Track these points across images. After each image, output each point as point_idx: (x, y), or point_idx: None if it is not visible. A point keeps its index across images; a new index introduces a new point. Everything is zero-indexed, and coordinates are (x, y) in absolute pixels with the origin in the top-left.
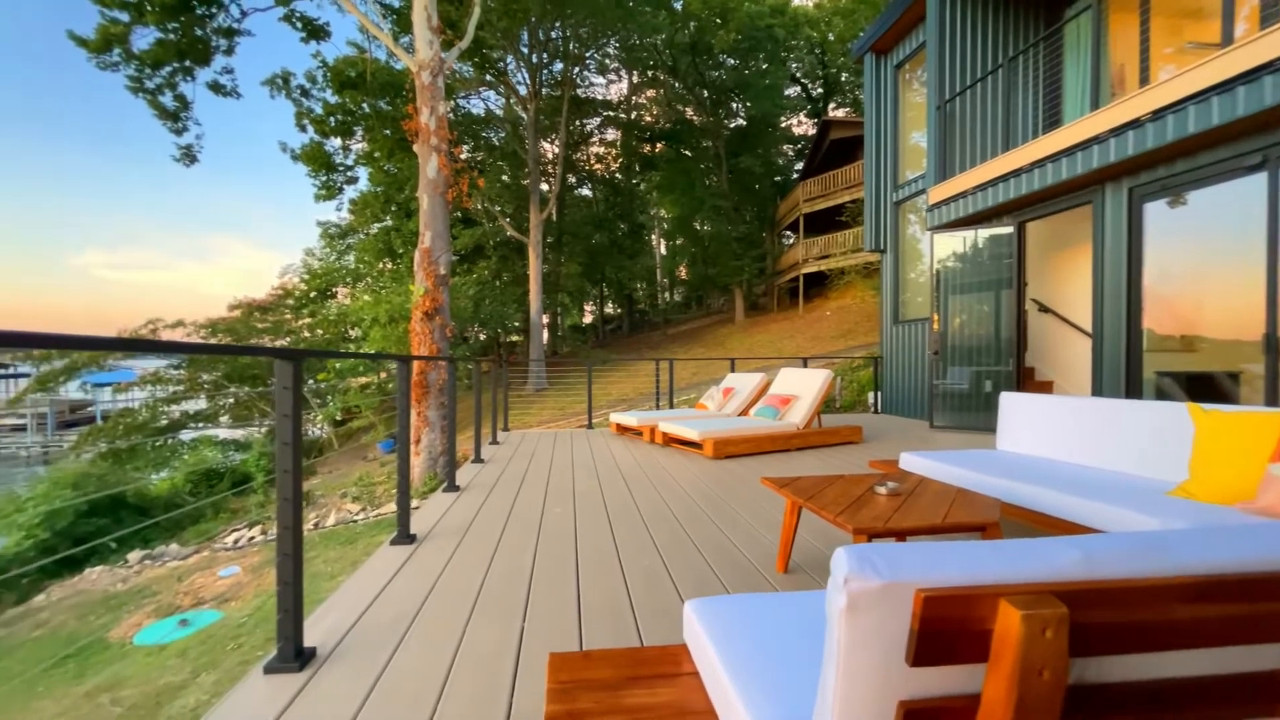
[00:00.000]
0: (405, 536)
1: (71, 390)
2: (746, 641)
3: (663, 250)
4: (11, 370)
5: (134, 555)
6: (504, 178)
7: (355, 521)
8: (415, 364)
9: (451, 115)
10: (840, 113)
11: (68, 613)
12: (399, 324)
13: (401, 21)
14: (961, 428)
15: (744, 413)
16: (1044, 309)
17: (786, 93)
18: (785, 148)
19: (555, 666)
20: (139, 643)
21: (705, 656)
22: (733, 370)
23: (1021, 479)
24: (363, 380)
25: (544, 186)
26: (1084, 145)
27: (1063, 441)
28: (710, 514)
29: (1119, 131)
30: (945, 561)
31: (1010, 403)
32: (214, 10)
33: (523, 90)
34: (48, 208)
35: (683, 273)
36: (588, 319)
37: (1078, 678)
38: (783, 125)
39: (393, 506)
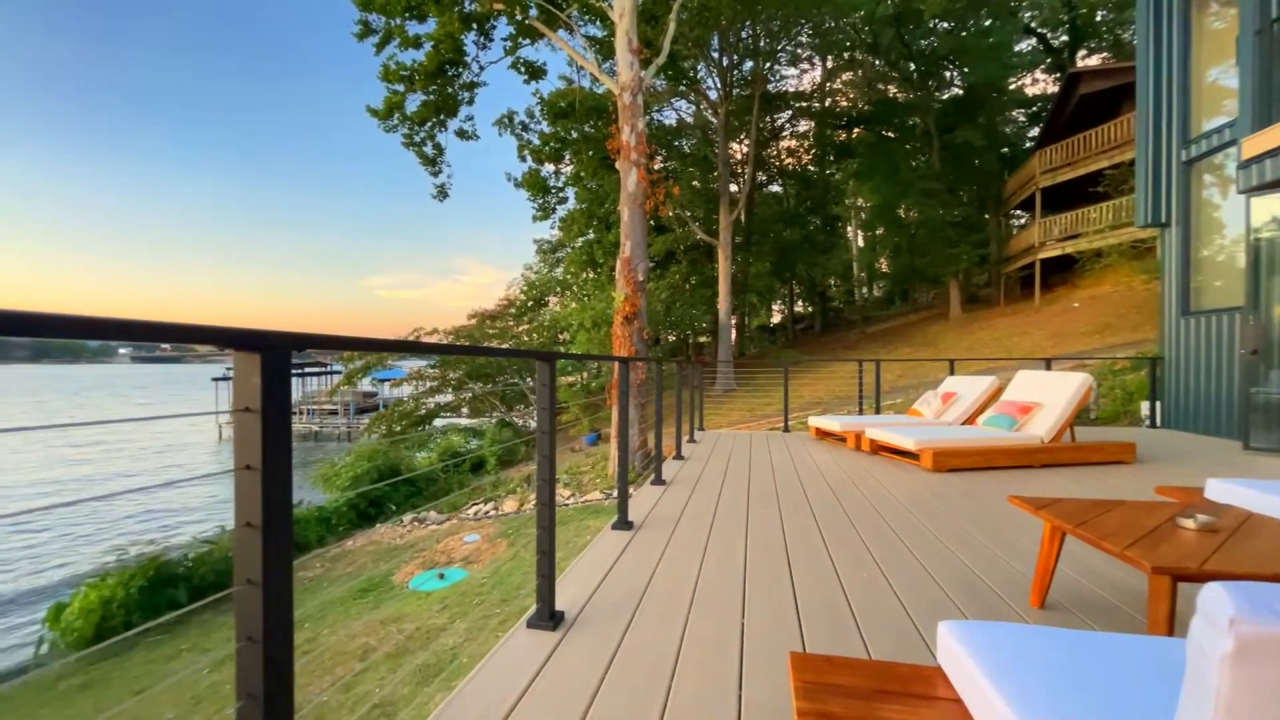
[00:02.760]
0: (624, 523)
1: (364, 384)
2: (1031, 677)
3: (860, 242)
4: (329, 368)
5: (407, 517)
6: (694, 183)
7: (566, 505)
8: (615, 364)
9: (646, 129)
10: (1093, 61)
11: (366, 556)
12: (601, 328)
13: (604, 50)
14: None
15: (969, 421)
16: None
17: (1017, 48)
18: (1015, 114)
19: (798, 666)
20: (412, 587)
21: (975, 685)
22: (952, 373)
23: None
24: (569, 379)
25: (733, 188)
26: None
27: None
28: (934, 531)
29: None
30: None
31: None
32: (460, 70)
33: (713, 95)
34: (349, 244)
35: (883, 265)
36: (776, 318)
37: None
38: (1011, 88)
39: (596, 494)
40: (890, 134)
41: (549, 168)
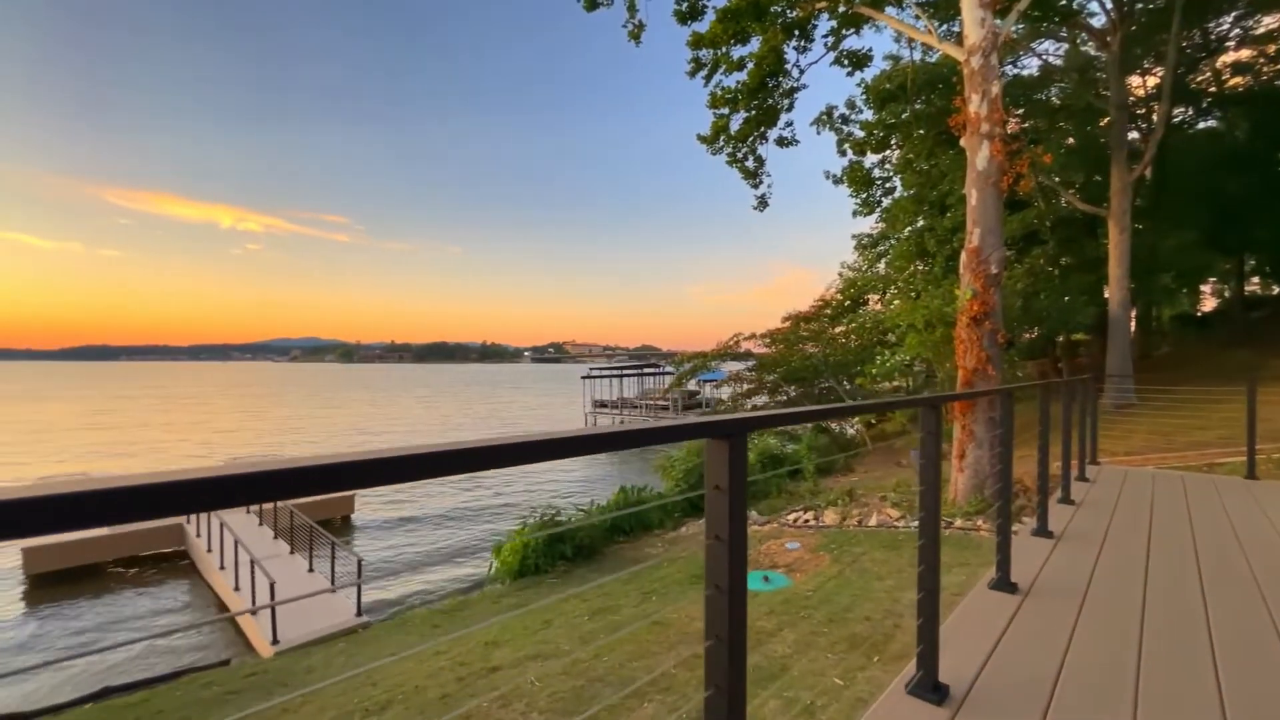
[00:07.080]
0: (1006, 584)
1: (690, 384)
2: None
3: None
4: (662, 369)
5: None
6: (1069, 140)
7: (896, 527)
8: (962, 372)
9: (1001, 92)
10: None
11: (697, 545)
12: (936, 329)
13: (942, 11)
14: None
15: None
16: None
17: None
18: None
19: None
20: None
21: None
22: None
23: None
24: (894, 384)
25: (1132, 135)
26: None
27: None
28: None
29: None
30: None
31: None
32: (780, 79)
33: (1099, 22)
34: (670, 260)
35: None
36: (1208, 305)
37: None
38: None
39: None
40: None
41: (872, 158)
